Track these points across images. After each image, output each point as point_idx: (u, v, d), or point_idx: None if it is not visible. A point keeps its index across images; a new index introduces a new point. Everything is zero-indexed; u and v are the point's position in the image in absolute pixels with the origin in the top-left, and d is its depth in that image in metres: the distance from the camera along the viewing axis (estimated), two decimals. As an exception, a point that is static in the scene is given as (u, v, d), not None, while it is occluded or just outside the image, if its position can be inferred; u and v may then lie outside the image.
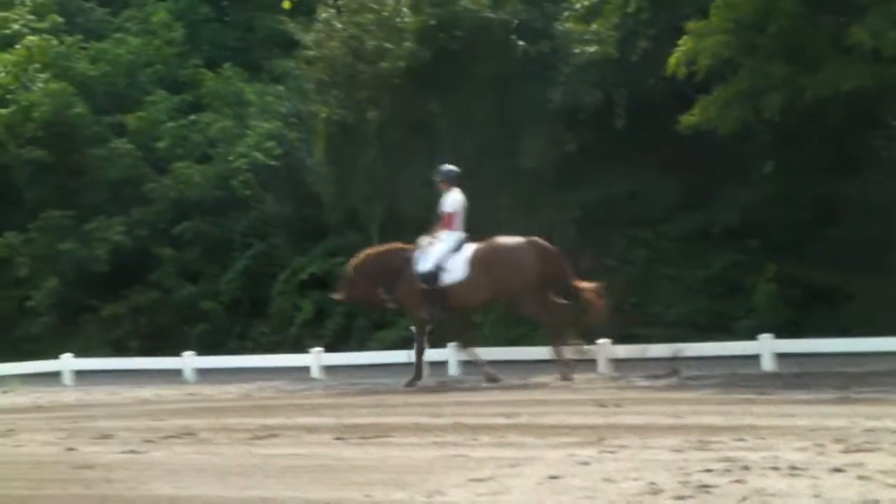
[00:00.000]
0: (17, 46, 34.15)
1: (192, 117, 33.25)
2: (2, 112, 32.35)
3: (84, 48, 34.94)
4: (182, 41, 35.84)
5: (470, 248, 20.54)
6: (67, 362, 26.34)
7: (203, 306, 30.19)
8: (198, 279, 31.03)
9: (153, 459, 13.09)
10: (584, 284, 20.20)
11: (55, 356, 26.89)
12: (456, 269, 20.48)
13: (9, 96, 32.84)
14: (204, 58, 35.98)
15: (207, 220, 31.10)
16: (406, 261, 21.09)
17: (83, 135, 32.68)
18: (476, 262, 20.36)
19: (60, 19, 35.90)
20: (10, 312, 31.44)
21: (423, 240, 21.23)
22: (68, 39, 34.80)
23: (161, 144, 32.46)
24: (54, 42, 34.33)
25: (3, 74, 33.26)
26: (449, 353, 23.53)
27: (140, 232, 31.02)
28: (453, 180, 21.25)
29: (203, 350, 26.33)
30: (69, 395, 21.63)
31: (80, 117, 32.74)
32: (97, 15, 37.55)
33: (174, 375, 25.35)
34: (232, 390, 22.01)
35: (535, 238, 20.59)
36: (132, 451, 13.68)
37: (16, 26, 35.29)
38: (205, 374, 25.61)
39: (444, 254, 20.63)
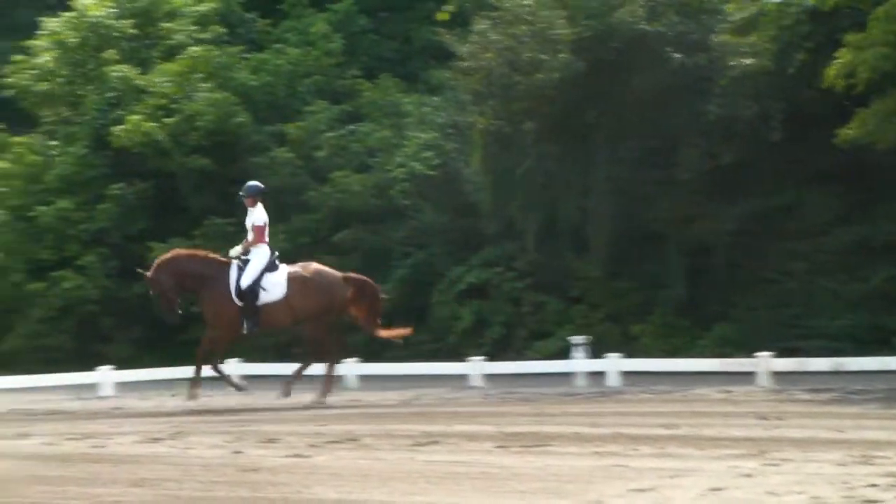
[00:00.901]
0: (181, 57, 34.87)
1: (351, 127, 33.64)
2: (167, 121, 33.06)
3: (245, 58, 35.57)
4: (340, 52, 36.29)
5: (285, 270, 21.18)
6: (234, 367, 26.85)
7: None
8: (358, 287, 31.31)
9: (317, 464, 13.30)
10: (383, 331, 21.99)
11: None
12: (273, 289, 21.01)
13: (173, 105, 33.54)
14: (361, 68, 36.40)
15: (367, 229, 31.43)
16: (220, 272, 21.04)
17: (245, 143, 33.29)
18: (294, 284, 21.07)
19: (223, 30, 36.58)
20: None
21: (234, 252, 21.24)
22: (230, 50, 35.46)
23: (321, 154, 32.90)
24: (216, 52, 35.01)
25: (167, 84, 33.99)
26: (609, 364, 23.57)
27: (301, 239, 31.45)
28: (257, 196, 21.26)
29: (364, 357, 26.65)
30: (233, 399, 22.02)
31: (242, 126, 33.37)
32: (258, 26, 38.19)
33: (336, 381, 25.69)
34: (393, 397, 22.28)
35: (354, 274, 21.99)
36: (297, 455, 13.93)
37: (179, 37, 36.05)
38: (367, 381, 25.95)
39: (261, 272, 21.02)
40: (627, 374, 23.23)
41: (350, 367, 25.98)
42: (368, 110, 34.28)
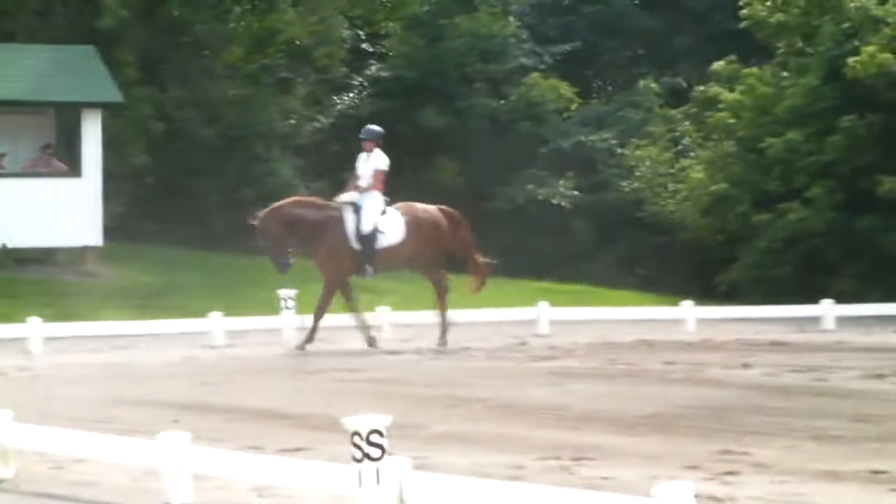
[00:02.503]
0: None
1: None
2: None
3: None
4: None
5: (395, 211, 20.61)
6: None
7: None
8: None
9: None
10: (480, 258, 21.38)
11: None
12: (391, 232, 20.40)
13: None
14: None
15: None
16: (332, 218, 20.33)
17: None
18: (410, 225, 20.56)
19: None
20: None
21: (346, 197, 20.54)
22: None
23: None
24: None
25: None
26: None
27: None
28: (378, 140, 20.59)
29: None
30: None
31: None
32: None
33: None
34: None
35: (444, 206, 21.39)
36: None
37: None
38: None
39: (378, 215, 20.38)
40: None
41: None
42: None
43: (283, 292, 21.71)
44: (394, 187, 21.14)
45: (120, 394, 15.89)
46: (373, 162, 20.44)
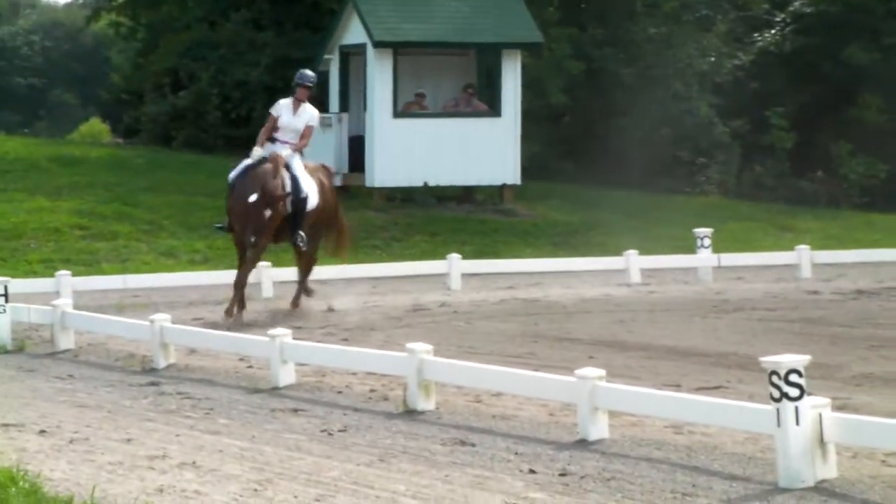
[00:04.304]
0: None
1: None
2: None
3: None
4: None
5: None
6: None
7: None
8: None
9: None
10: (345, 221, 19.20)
11: None
12: (313, 195, 17.67)
13: None
14: None
15: None
16: (263, 172, 17.24)
17: None
18: (319, 188, 17.90)
19: None
20: None
21: (259, 153, 17.38)
22: None
23: None
24: None
25: None
26: None
27: None
28: (312, 89, 18.09)
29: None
30: None
31: None
32: None
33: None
34: None
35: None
36: None
37: None
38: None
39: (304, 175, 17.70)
40: None
41: None
42: None
43: (700, 231, 21.50)
44: (817, 126, 20.41)
45: (536, 330, 16.10)
46: (306, 115, 17.70)
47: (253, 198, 16.84)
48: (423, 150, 26.80)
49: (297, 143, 17.62)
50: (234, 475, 9.21)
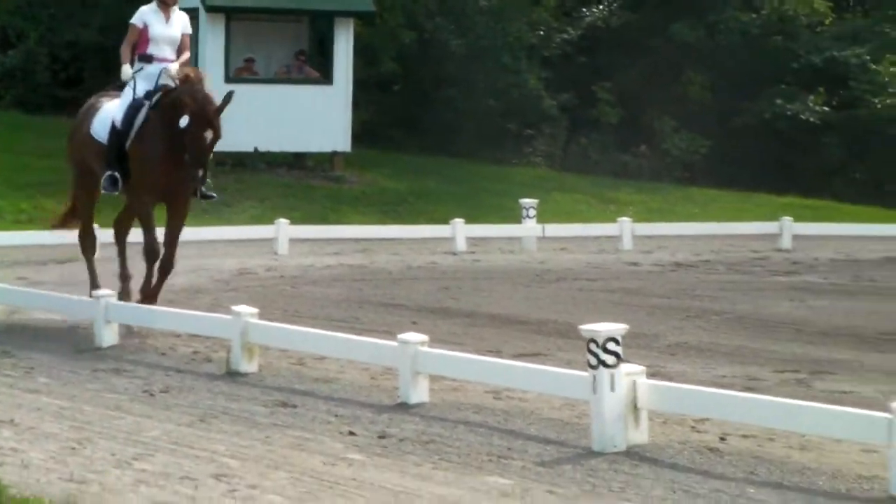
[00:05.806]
0: None
1: None
2: None
3: None
4: None
5: None
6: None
7: None
8: None
9: None
10: None
11: None
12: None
13: None
14: None
15: None
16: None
17: None
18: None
19: None
20: None
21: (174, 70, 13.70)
22: None
23: None
24: None
25: None
26: None
27: None
28: None
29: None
30: None
31: None
32: None
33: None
34: None
35: None
36: None
37: None
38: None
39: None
40: None
41: None
42: None
43: (526, 202, 21.80)
44: (642, 101, 20.79)
45: (361, 295, 16.23)
46: (180, 23, 14.06)
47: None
48: (255, 116, 26.62)
49: (178, 57, 13.89)
50: (52, 433, 9.19)
